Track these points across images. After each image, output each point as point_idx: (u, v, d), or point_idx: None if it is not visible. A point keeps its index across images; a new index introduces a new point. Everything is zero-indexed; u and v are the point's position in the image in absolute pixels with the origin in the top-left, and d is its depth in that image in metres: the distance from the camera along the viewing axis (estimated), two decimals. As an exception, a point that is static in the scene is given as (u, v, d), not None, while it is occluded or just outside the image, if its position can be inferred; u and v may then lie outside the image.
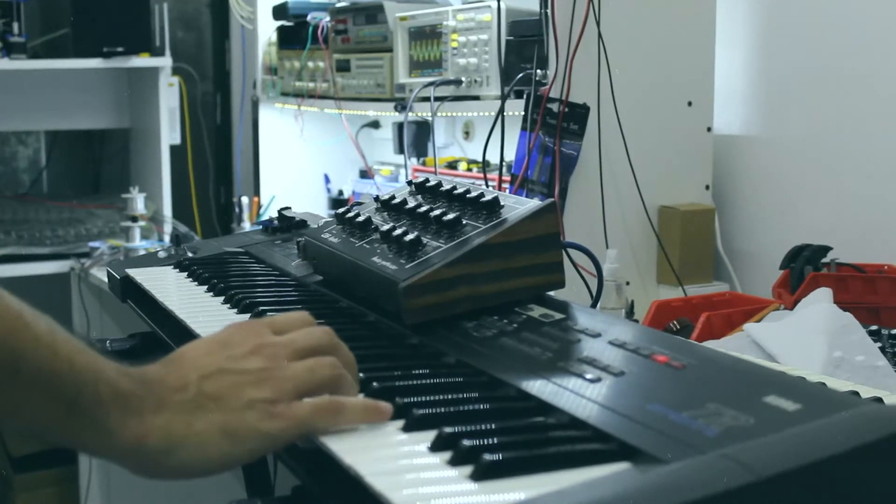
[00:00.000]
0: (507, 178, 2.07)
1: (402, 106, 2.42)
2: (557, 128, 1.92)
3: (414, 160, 2.68)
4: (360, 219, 1.26)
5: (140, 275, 1.44)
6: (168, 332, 1.22)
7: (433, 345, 1.01)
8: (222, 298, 1.24)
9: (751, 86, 2.18)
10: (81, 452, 0.80)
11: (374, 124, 3.06)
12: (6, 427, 0.78)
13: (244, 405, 0.80)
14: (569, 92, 1.91)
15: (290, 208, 1.72)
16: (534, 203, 1.11)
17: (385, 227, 1.18)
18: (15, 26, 2.89)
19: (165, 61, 3.00)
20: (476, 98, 2.25)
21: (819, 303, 1.42)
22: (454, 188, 1.22)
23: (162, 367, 0.83)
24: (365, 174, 3.01)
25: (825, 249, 1.71)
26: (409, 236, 1.12)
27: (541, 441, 0.75)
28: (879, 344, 1.32)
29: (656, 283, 2.06)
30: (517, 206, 1.11)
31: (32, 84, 3.09)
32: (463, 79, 2.25)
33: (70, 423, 0.77)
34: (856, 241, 1.87)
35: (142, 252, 2.67)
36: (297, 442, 0.82)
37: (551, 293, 1.12)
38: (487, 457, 0.69)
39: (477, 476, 0.69)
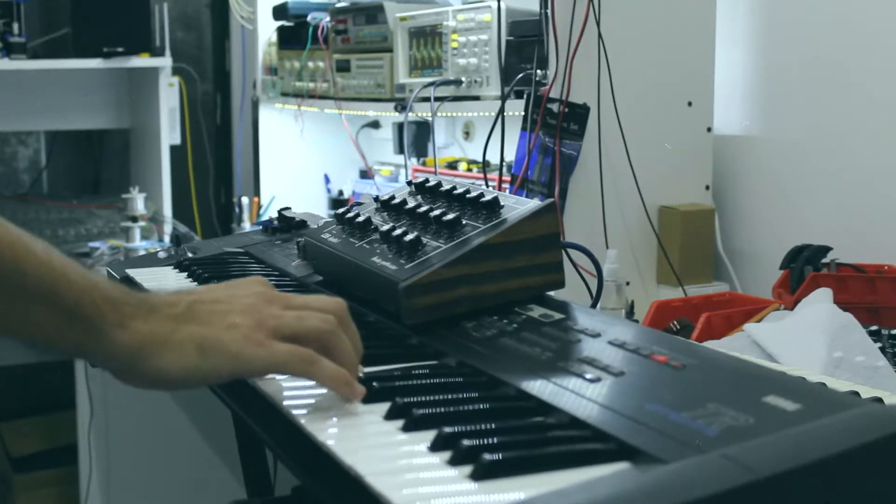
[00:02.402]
0: (507, 178, 2.07)
1: (402, 106, 2.41)
2: (557, 128, 1.92)
3: (414, 160, 2.68)
4: (360, 219, 1.26)
5: (140, 275, 1.44)
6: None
7: (433, 345, 1.01)
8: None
9: (751, 86, 2.18)
10: (80, 358, 0.86)
11: (374, 124, 3.06)
12: (12, 341, 0.85)
13: (224, 327, 0.86)
14: (569, 92, 1.91)
15: (290, 208, 1.72)
16: (534, 203, 1.11)
17: (385, 228, 1.18)
18: (15, 26, 2.89)
19: (165, 61, 2.99)
20: (476, 98, 2.25)
21: (819, 303, 1.42)
22: (454, 188, 1.22)
23: (165, 292, 0.91)
24: (365, 174, 3.01)
25: (825, 249, 1.70)
26: (409, 236, 1.12)
27: (540, 441, 0.75)
28: (879, 344, 1.32)
29: (656, 283, 2.06)
30: (517, 207, 1.11)
31: (32, 84, 3.09)
32: (463, 79, 2.25)
33: (71, 330, 0.83)
34: (856, 241, 1.87)
35: (142, 252, 2.67)
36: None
37: (551, 293, 1.12)
38: (487, 456, 0.69)
39: (477, 476, 0.69)
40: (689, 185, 2.09)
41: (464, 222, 1.12)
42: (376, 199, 1.32)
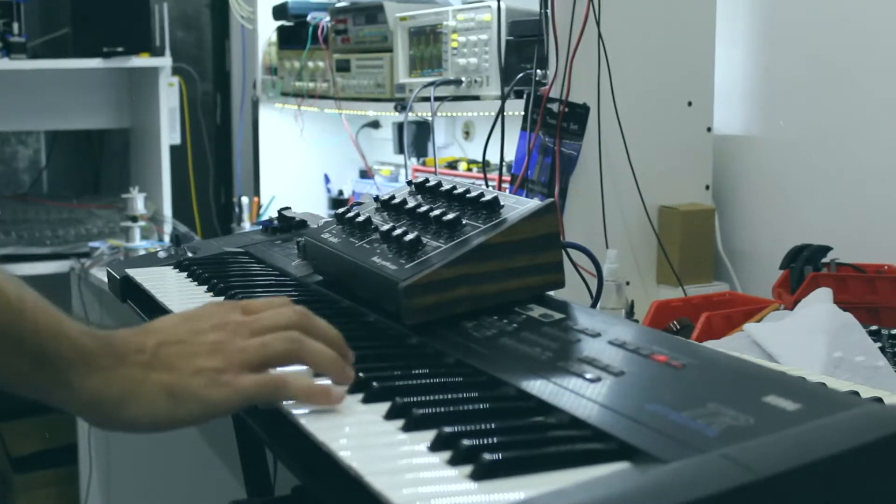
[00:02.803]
0: (507, 178, 2.07)
1: (402, 106, 2.41)
2: (557, 128, 1.92)
3: (414, 160, 2.68)
4: (360, 219, 1.26)
5: (140, 275, 1.44)
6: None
7: (433, 345, 1.01)
8: (222, 299, 1.24)
9: (751, 86, 2.18)
10: (47, 404, 0.86)
11: (374, 124, 3.06)
12: None
13: (192, 372, 0.86)
14: (569, 92, 1.91)
15: (290, 208, 1.72)
16: (534, 203, 1.11)
17: (385, 227, 1.18)
18: (15, 26, 2.89)
19: (165, 61, 2.99)
20: (476, 98, 2.25)
21: (819, 303, 1.42)
22: (454, 188, 1.22)
23: (130, 331, 0.90)
24: (365, 174, 3.01)
25: (825, 249, 1.70)
26: (409, 236, 1.12)
27: (540, 441, 0.75)
28: (879, 344, 1.32)
29: (656, 283, 2.06)
30: (517, 206, 1.11)
31: (32, 84, 3.09)
32: (463, 79, 2.25)
33: (34, 376, 0.83)
34: (856, 241, 1.87)
35: (142, 252, 2.67)
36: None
37: (551, 293, 1.12)
38: (487, 456, 0.69)
39: (477, 476, 0.69)
40: (689, 185, 2.09)
41: (464, 222, 1.12)
42: (376, 198, 1.32)
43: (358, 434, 0.81)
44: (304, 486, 0.83)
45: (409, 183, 1.32)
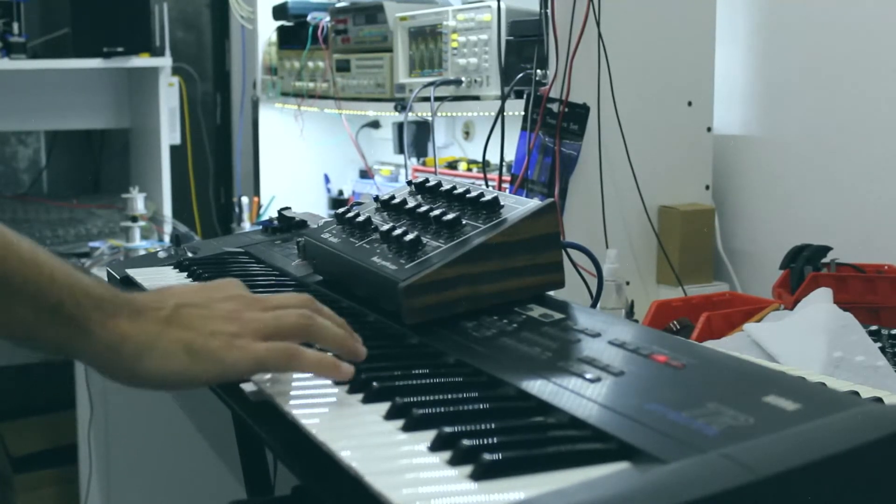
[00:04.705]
0: (507, 178, 2.07)
1: (402, 106, 2.41)
2: (557, 128, 1.92)
3: (414, 160, 2.67)
4: (360, 219, 1.26)
5: (140, 275, 1.44)
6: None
7: (433, 345, 1.01)
8: (222, 298, 1.24)
9: (751, 86, 2.18)
10: (65, 355, 0.90)
11: (374, 124, 3.05)
12: None
13: (209, 333, 0.89)
14: (569, 92, 1.91)
15: (290, 208, 1.72)
16: (534, 203, 1.11)
17: (385, 227, 1.18)
18: (15, 26, 2.89)
19: (165, 61, 2.99)
20: (476, 98, 2.25)
21: (819, 303, 1.42)
22: (454, 188, 1.22)
23: (148, 293, 0.94)
24: (365, 174, 3.01)
25: (825, 249, 1.70)
26: (409, 236, 1.12)
27: (540, 441, 0.75)
28: (879, 344, 1.32)
29: (656, 283, 2.06)
30: (517, 206, 1.11)
31: (32, 84, 3.09)
32: (463, 79, 2.25)
33: (54, 327, 0.85)
34: (856, 241, 1.87)
35: (142, 252, 2.67)
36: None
37: (551, 293, 1.12)
38: (487, 456, 0.69)
39: (476, 476, 0.69)
40: (689, 184, 2.09)
41: (464, 222, 1.12)
42: (376, 198, 1.32)
43: (358, 434, 0.81)
44: (304, 486, 0.83)
45: (409, 183, 1.32)
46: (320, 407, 0.88)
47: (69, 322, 0.85)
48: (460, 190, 1.20)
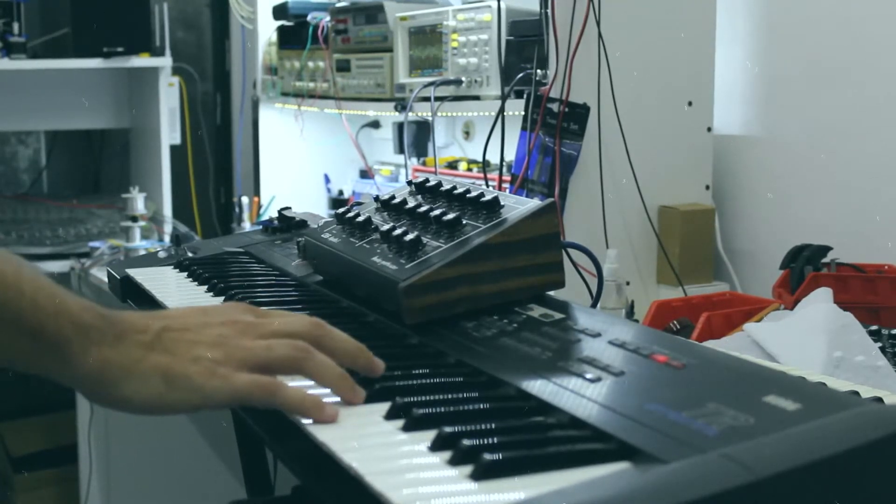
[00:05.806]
0: (507, 178, 2.07)
1: (402, 106, 2.41)
2: (557, 128, 1.92)
3: (414, 160, 2.67)
4: (360, 219, 1.26)
5: (140, 275, 1.44)
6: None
7: (433, 345, 1.01)
8: (222, 298, 1.24)
9: (751, 86, 2.18)
10: (47, 378, 0.86)
11: (374, 124, 3.06)
12: None
13: (190, 359, 0.86)
14: (569, 92, 1.91)
15: (290, 208, 1.71)
16: (534, 203, 1.11)
17: (385, 227, 1.18)
18: (15, 26, 2.89)
19: (165, 61, 2.99)
20: (476, 98, 2.25)
21: (819, 303, 1.42)
22: (454, 188, 1.22)
23: (138, 313, 0.90)
24: (365, 174, 3.01)
25: (825, 249, 1.70)
26: (409, 236, 1.12)
27: (541, 441, 0.75)
28: (879, 344, 1.32)
29: (656, 283, 2.06)
30: (517, 206, 1.11)
31: (32, 84, 3.09)
32: (463, 79, 2.25)
33: (34, 352, 0.83)
34: (856, 241, 1.87)
35: (142, 252, 2.67)
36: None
37: (551, 293, 1.12)
38: (487, 456, 0.69)
39: (477, 476, 0.69)
40: (689, 185, 2.09)
41: (464, 222, 1.12)
42: (376, 198, 1.32)
43: (358, 434, 0.81)
44: (304, 486, 0.83)
45: (410, 183, 1.32)
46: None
47: (50, 349, 0.83)
48: (460, 190, 1.20)
